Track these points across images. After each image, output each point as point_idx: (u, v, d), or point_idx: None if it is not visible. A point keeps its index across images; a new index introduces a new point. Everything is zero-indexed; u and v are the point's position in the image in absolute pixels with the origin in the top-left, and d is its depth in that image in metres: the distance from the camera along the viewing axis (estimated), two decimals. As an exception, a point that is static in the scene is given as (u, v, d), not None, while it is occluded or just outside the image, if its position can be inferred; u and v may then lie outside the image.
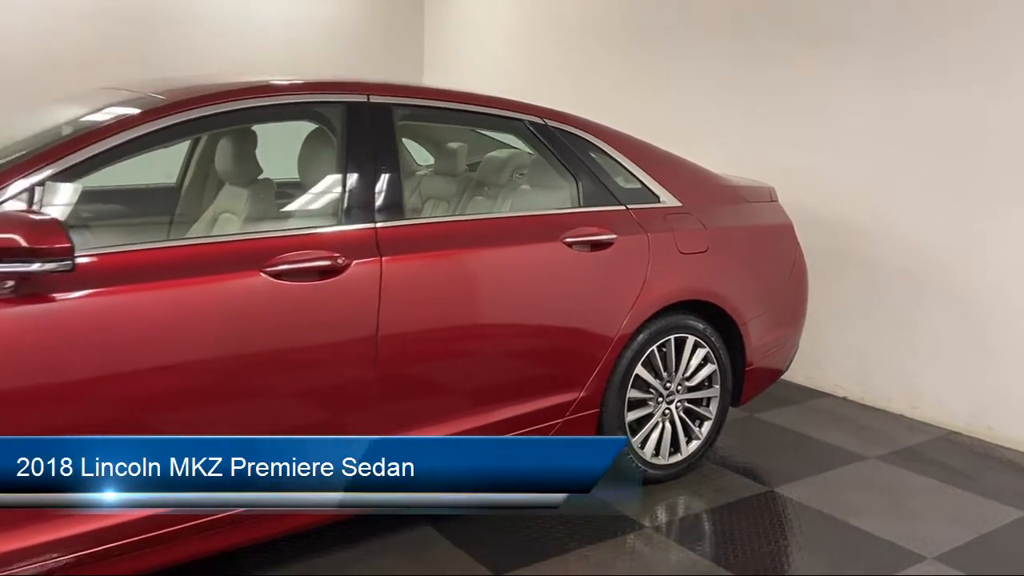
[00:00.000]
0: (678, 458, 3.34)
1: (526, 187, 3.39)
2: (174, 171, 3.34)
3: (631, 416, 3.19)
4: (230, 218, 2.77)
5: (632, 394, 3.17)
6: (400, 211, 2.73)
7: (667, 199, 3.31)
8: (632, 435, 3.20)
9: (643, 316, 3.13)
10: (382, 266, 2.56)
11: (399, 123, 2.82)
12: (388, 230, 2.63)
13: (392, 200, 2.70)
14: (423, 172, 3.59)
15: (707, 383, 3.38)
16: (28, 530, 2.08)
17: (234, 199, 2.81)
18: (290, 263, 2.42)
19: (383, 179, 2.69)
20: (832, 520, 3.13)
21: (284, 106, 2.73)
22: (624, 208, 3.19)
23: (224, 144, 2.93)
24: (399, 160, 2.78)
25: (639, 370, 3.17)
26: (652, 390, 3.24)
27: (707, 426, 3.40)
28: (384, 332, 2.56)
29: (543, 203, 3.24)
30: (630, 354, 3.13)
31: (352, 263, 2.51)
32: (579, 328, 3.03)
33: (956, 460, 3.76)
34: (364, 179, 2.66)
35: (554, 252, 2.97)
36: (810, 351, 4.18)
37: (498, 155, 3.41)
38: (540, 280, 2.97)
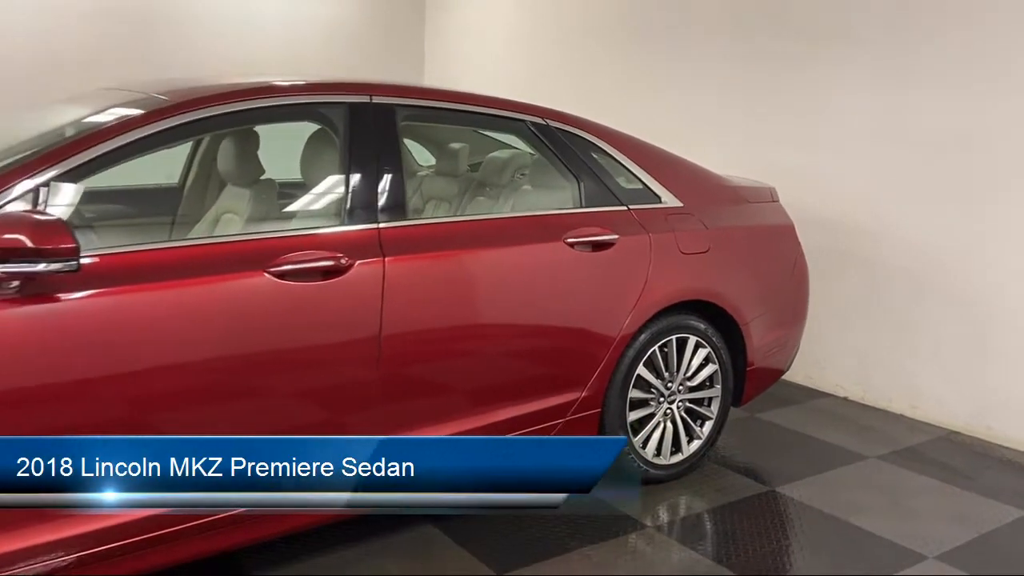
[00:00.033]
0: (679, 458, 3.35)
1: (528, 187, 3.39)
2: (175, 172, 3.34)
3: (632, 416, 3.19)
4: (232, 218, 2.77)
5: (634, 394, 3.18)
6: (403, 211, 2.73)
7: (668, 199, 3.32)
8: (633, 435, 3.21)
9: (645, 316, 3.13)
10: (385, 266, 2.56)
11: (401, 124, 2.83)
12: (391, 230, 2.63)
13: (395, 200, 2.70)
14: (425, 173, 3.59)
15: (708, 383, 3.39)
16: (30, 530, 2.08)
17: (236, 199, 2.81)
18: (294, 263, 2.42)
19: (386, 179, 2.69)
20: (833, 520, 3.13)
21: (287, 107, 2.74)
22: (626, 208, 3.19)
23: (226, 144, 2.94)
24: (402, 160, 2.79)
25: (641, 370, 3.18)
26: (653, 390, 3.24)
27: (708, 426, 3.41)
28: (387, 332, 2.56)
29: (545, 203, 3.25)
30: (632, 354, 3.13)
31: (355, 263, 2.51)
32: (581, 328, 3.03)
33: (956, 460, 3.77)
34: (367, 179, 2.66)
35: (556, 252, 2.97)
36: (810, 351, 4.19)
37: (500, 155, 3.41)
38: (542, 280, 2.97)
